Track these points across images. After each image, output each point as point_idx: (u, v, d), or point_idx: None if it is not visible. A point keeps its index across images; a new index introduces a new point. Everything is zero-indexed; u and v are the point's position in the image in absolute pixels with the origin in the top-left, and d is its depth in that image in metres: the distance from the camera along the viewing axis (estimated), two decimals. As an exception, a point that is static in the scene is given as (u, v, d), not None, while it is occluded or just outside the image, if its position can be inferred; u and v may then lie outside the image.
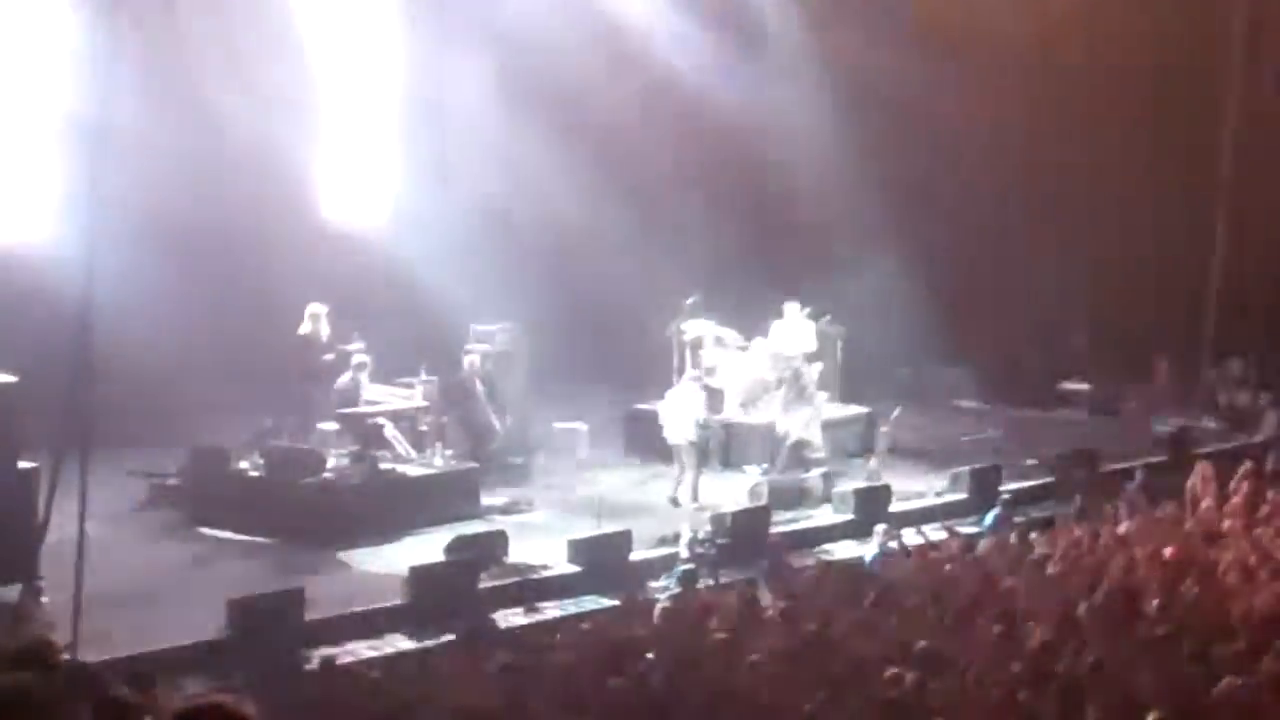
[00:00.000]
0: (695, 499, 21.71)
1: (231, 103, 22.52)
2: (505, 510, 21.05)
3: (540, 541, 19.64)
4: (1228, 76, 28.74)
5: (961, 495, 22.29)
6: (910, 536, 19.95)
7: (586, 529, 19.70)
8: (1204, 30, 28.53)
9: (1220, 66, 28.72)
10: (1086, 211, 28.92)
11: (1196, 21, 28.34)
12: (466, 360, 22.46)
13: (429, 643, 16.47)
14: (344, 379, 21.06)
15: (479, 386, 22.10)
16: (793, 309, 24.72)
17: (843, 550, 20.28)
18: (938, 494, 22.70)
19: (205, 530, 19.83)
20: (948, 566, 17.46)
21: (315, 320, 21.39)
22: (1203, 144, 28.68)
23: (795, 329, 24.58)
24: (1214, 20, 28.58)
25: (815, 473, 22.48)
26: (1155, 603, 14.94)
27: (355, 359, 21.18)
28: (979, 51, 27.90)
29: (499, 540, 19.05)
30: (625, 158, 26.40)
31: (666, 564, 18.93)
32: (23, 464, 16.90)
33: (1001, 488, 21.99)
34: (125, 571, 17.28)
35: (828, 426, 24.08)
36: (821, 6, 27.82)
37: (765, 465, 23.01)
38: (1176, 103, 28.47)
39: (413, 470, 20.92)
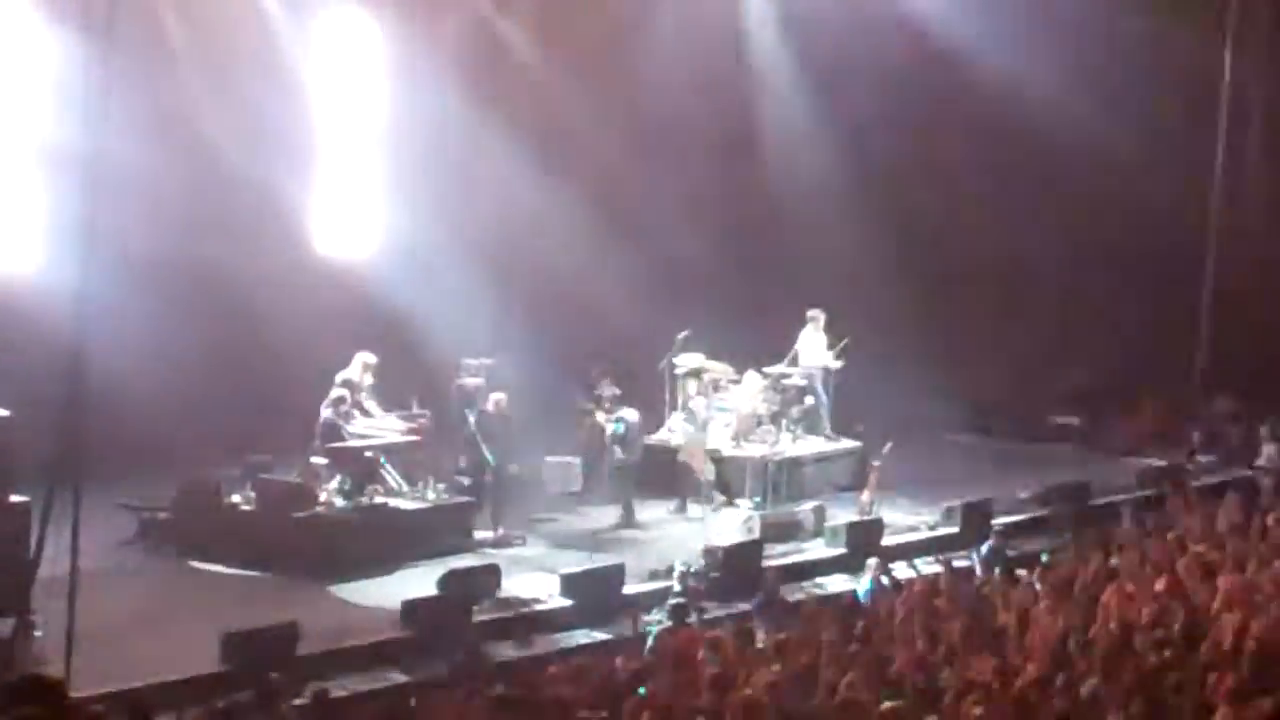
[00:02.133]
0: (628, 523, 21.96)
1: (224, 136, 22.55)
2: (498, 544, 21.04)
3: (533, 575, 19.64)
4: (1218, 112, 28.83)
5: (954, 529, 22.30)
6: (903, 570, 19.97)
7: (579, 563, 19.69)
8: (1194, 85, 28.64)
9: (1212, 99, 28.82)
10: (1083, 245, 28.99)
11: (1186, 66, 28.42)
12: (465, 393, 22.44)
13: (422, 676, 16.44)
14: (327, 413, 20.98)
15: (470, 418, 22.08)
16: (816, 316, 24.77)
17: (835, 584, 20.29)
18: (930, 527, 22.72)
19: (196, 564, 19.79)
20: (939, 600, 17.44)
21: (365, 369, 21.37)
22: (1194, 186, 28.75)
23: (817, 339, 24.73)
24: (1203, 68, 28.64)
25: (808, 506, 22.49)
26: (1148, 636, 14.92)
27: (333, 393, 21.09)
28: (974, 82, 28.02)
29: (492, 574, 19.04)
30: (617, 192, 26.45)
31: (659, 598, 18.93)
32: (15, 498, 16.88)
33: (993, 521, 21.99)
34: (117, 605, 17.23)
35: (820, 460, 24.17)
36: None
37: (757, 499, 23.03)
38: (1166, 127, 28.54)
39: (405, 504, 20.90)
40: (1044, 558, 19.62)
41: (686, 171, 27.39)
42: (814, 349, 24.82)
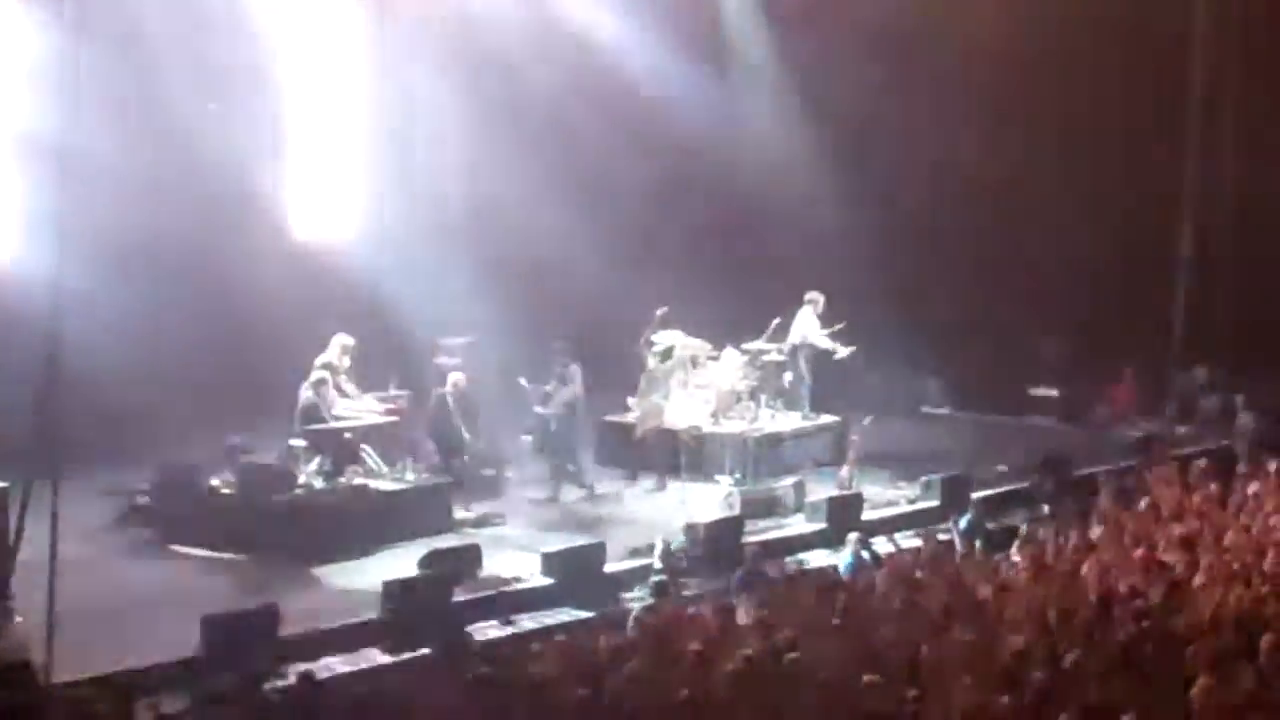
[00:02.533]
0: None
1: (199, 121, 22.51)
2: (478, 524, 21.05)
3: (513, 555, 19.65)
4: (1194, 85, 28.82)
5: (933, 502, 22.36)
6: (883, 544, 20.02)
7: (559, 542, 19.72)
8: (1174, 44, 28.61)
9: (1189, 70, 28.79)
10: (1055, 217, 29.00)
11: (1166, 29, 28.41)
12: (442, 374, 22.40)
13: (404, 656, 16.45)
14: (303, 397, 20.97)
15: (449, 399, 22.06)
16: (815, 299, 24.83)
17: (816, 559, 20.33)
18: (910, 501, 22.77)
19: (177, 548, 19.78)
20: (919, 574, 17.49)
21: (344, 352, 21.35)
22: (1171, 154, 28.75)
23: (812, 323, 24.81)
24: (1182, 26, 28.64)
25: (787, 482, 22.52)
26: (1127, 607, 14.98)
27: (312, 375, 21.08)
28: (942, 60, 28.02)
29: (472, 554, 19.05)
30: (594, 171, 26.43)
31: (640, 575, 18.96)
32: (-7, 484, 16.88)
33: (973, 494, 22.05)
34: (98, 590, 17.18)
35: (799, 435, 24.22)
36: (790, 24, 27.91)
37: (737, 475, 23.07)
38: (1145, 105, 28.56)
39: (385, 485, 20.90)
40: (1023, 530, 19.65)
41: (664, 148, 27.35)
42: (807, 330, 24.77)
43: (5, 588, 16.46)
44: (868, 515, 21.72)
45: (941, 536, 20.29)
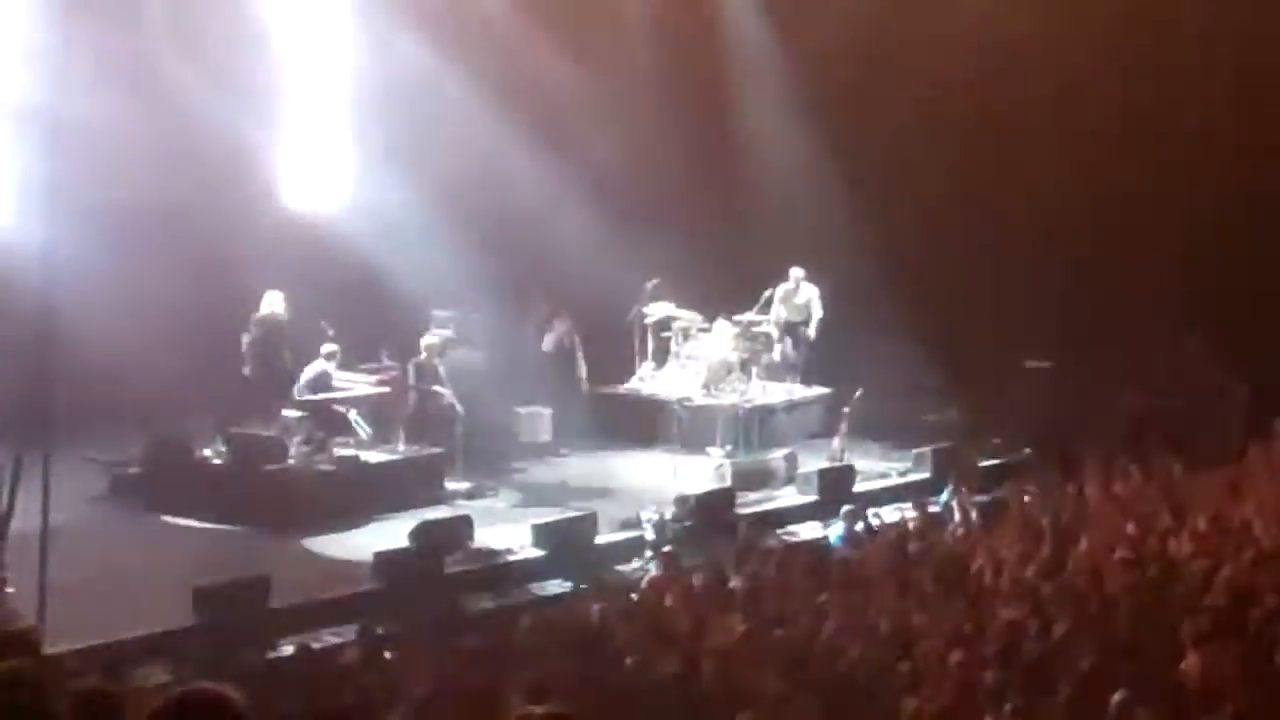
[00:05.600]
0: None
1: (190, 89, 22.41)
2: (469, 495, 21.04)
3: (505, 526, 19.66)
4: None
5: (925, 474, 22.36)
6: (875, 516, 20.01)
7: (551, 513, 19.71)
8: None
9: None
10: (1051, 183, 28.90)
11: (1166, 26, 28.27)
12: (425, 343, 22.38)
13: (396, 628, 16.44)
14: (315, 368, 21.00)
15: (440, 370, 22.04)
16: (797, 274, 24.84)
17: (807, 531, 20.34)
18: (901, 474, 22.78)
19: (168, 519, 19.77)
20: (911, 546, 17.49)
21: (272, 305, 21.38)
22: (1171, 124, 28.63)
23: (800, 294, 24.93)
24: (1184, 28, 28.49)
25: (779, 453, 22.52)
26: (1119, 580, 14.99)
27: (325, 348, 21.14)
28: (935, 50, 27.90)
29: (464, 525, 19.05)
30: (584, 144, 26.34)
31: (632, 547, 18.96)
32: (-16, 456, 16.83)
33: (964, 465, 22.04)
34: (89, 561, 17.16)
35: (792, 407, 24.22)
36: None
37: (729, 447, 23.06)
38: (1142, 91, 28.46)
39: (376, 456, 20.88)
40: (1016, 502, 19.65)
41: (654, 122, 27.26)
42: (791, 305, 24.80)
43: (-3, 559, 16.44)
44: (859, 487, 21.72)
45: (933, 509, 20.28)
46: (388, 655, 14.92)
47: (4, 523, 16.37)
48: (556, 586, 18.17)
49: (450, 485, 21.13)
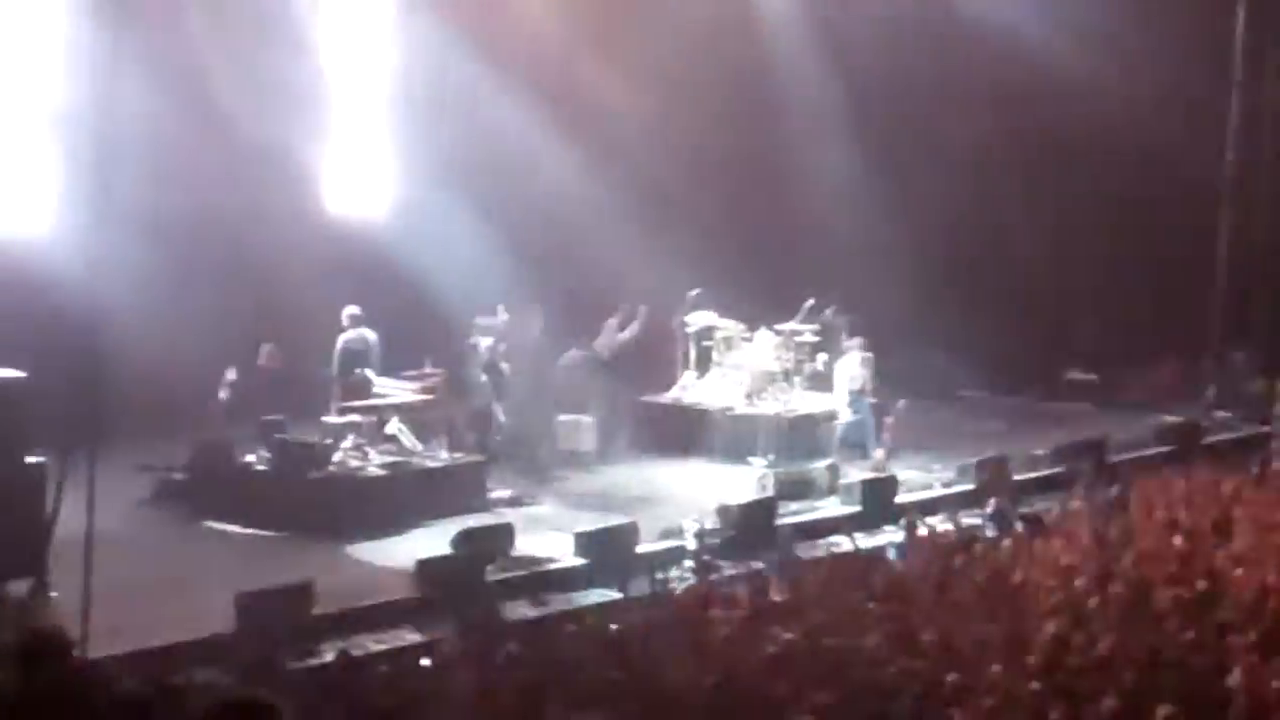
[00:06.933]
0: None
1: (235, 95, 22.46)
2: (511, 503, 21.05)
3: (547, 534, 19.64)
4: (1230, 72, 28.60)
5: (968, 486, 22.28)
6: (922, 527, 19.92)
7: (593, 522, 19.69)
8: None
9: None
10: (1091, 198, 28.85)
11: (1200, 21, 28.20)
12: (469, 350, 22.39)
13: (436, 635, 16.44)
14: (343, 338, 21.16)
15: (483, 377, 22.05)
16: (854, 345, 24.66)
17: (851, 542, 20.25)
18: (944, 485, 22.70)
19: (211, 524, 19.81)
20: (955, 559, 17.41)
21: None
22: (1208, 136, 28.55)
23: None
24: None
25: (821, 464, 22.47)
26: (1164, 594, 14.89)
27: (347, 311, 21.28)
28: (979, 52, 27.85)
29: (506, 533, 19.04)
30: (628, 147, 26.35)
31: (673, 556, 18.93)
32: (30, 459, 16.88)
33: (1009, 478, 21.94)
34: (132, 566, 17.19)
35: (834, 417, 24.15)
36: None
37: (770, 456, 23.02)
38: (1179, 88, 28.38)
39: (419, 463, 20.90)
40: (1059, 515, 19.56)
41: (699, 133, 27.25)
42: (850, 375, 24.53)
43: (42, 563, 16.48)
44: (902, 498, 21.65)
45: (976, 520, 20.21)
46: (427, 663, 14.92)
47: (49, 527, 16.42)
48: (598, 595, 18.14)
49: (492, 492, 21.13)
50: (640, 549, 19.19)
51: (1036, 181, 29.02)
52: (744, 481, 22.03)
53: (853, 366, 24.27)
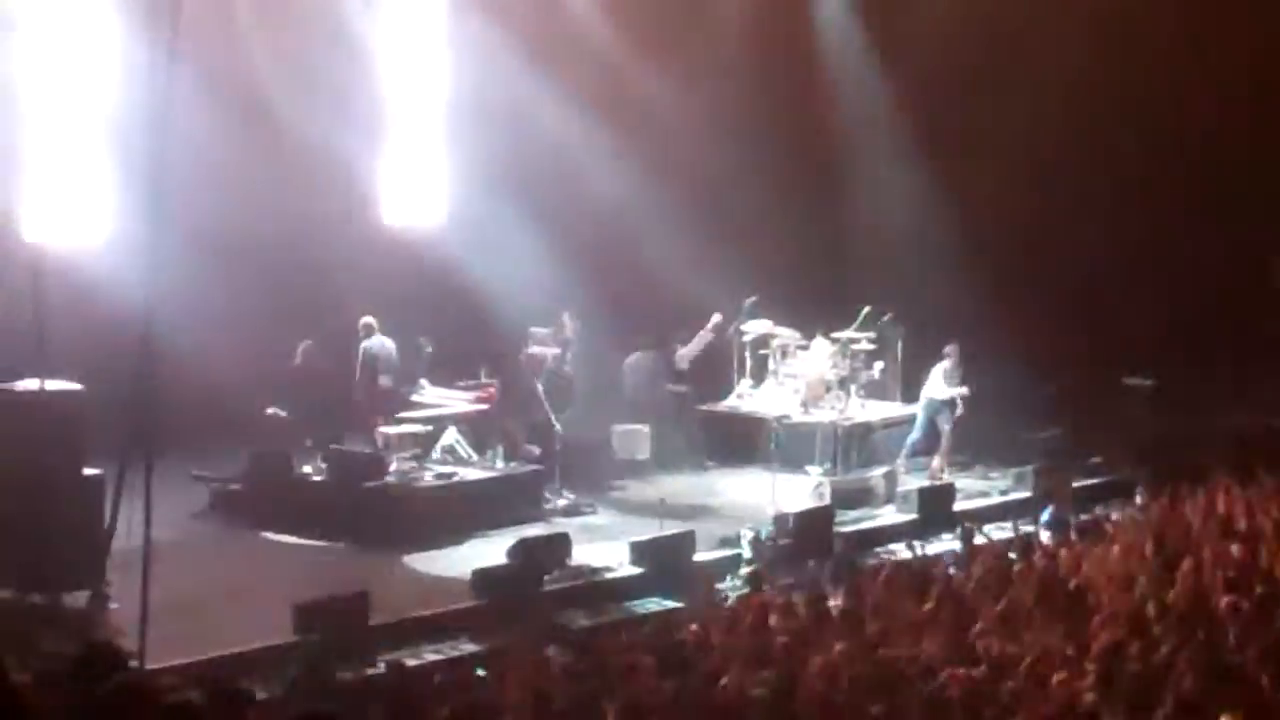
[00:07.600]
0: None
1: (288, 105, 22.56)
2: (567, 513, 21.06)
3: (603, 544, 19.64)
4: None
5: (1026, 493, 22.16)
6: (980, 536, 19.85)
7: (649, 531, 19.67)
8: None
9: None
10: (1146, 203, 28.63)
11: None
12: (524, 360, 22.42)
13: (493, 645, 16.45)
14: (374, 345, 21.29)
15: (539, 387, 22.07)
16: (951, 352, 24.41)
17: (909, 550, 20.16)
18: (1002, 492, 22.60)
19: (268, 535, 19.88)
20: (1012, 566, 17.32)
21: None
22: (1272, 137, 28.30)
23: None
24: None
25: (878, 472, 22.41)
26: (1225, 602, 14.77)
27: (363, 320, 21.37)
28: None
29: (562, 543, 19.04)
30: (684, 159, 26.34)
31: (730, 565, 18.89)
32: (89, 471, 16.97)
33: (1066, 485, 21.81)
34: (190, 577, 17.27)
35: (890, 425, 24.08)
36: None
37: (827, 465, 22.96)
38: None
39: (475, 473, 20.93)
40: (1118, 522, 19.45)
41: (753, 140, 27.19)
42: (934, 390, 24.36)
43: (101, 574, 16.56)
44: (959, 506, 21.56)
45: (1029, 528, 20.11)
46: (483, 673, 14.92)
47: (107, 539, 16.50)
48: (654, 604, 18.12)
49: (549, 502, 21.14)
50: (697, 558, 19.16)
51: (1092, 183, 28.80)
52: (801, 490, 21.97)
53: (943, 375, 24.05)
